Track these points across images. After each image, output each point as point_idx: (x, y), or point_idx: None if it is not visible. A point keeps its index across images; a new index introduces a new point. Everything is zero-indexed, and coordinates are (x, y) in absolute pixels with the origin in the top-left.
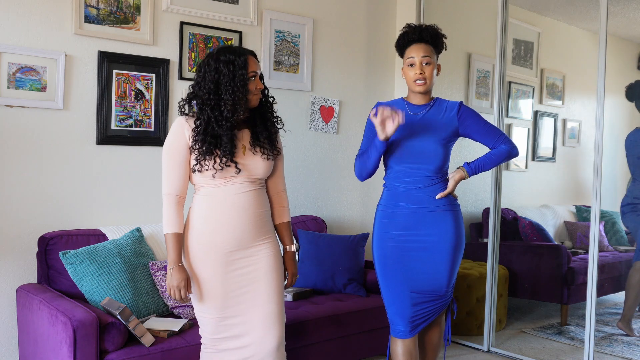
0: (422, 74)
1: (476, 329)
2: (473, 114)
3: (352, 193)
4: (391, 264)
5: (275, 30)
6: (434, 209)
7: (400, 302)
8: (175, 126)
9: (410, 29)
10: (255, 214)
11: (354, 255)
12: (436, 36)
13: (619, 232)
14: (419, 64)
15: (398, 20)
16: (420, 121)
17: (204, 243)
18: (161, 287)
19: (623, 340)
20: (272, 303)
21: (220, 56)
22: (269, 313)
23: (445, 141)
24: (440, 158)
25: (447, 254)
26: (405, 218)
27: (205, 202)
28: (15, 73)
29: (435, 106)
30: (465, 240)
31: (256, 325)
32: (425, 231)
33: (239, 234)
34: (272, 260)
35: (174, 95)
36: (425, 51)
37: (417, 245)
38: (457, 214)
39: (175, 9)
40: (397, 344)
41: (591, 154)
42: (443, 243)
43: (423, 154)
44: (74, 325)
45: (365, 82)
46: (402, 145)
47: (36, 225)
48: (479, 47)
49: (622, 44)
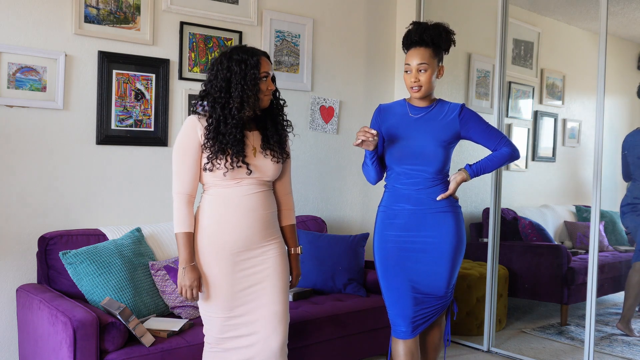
0: (417, 82)
1: (476, 329)
2: (475, 116)
3: (352, 193)
4: (392, 265)
5: (275, 30)
6: (434, 210)
7: (401, 303)
8: (187, 125)
9: (413, 28)
10: (263, 215)
11: (354, 255)
12: (439, 37)
13: (619, 232)
14: (415, 72)
15: (398, 20)
16: (421, 123)
17: (213, 243)
18: (161, 287)
19: (623, 341)
20: (277, 303)
21: (233, 55)
22: (274, 313)
23: (446, 143)
24: (441, 160)
25: (447, 256)
26: (405, 219)
27: (214, 202)
28: (15, 73)
29: (437, 108)
30: (466, 242)
31: (261, 325)
32: (426, 232)
33: (246, 235)
34: (279, 261)
35: (174, 95)
36: (422, 57)
37: (418, 246)
38: (458, 215)
39: (175, 9)
40: (398, 344)
41: (591, 154)
42: (444, 244)
43: (423, 155)
44: (74, 325)
45: (365, 82)
46: (402, 146)
47: (36, 225)
48: (479, 47)
49: (622, 44)
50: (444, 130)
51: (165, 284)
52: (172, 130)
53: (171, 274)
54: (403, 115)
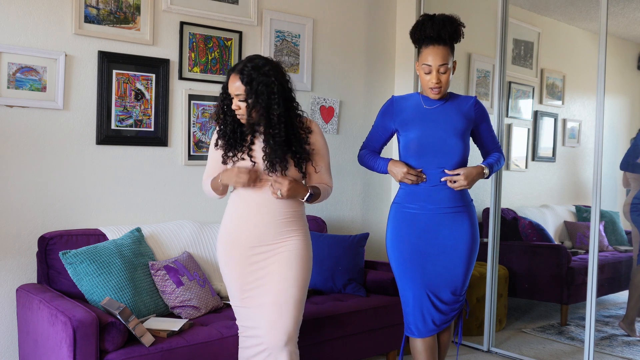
0: (438, 83)
1: (476, 329)
2: (486, 112)
3: (352, 193)
4: (410, 269)
5: (275, 30)
6: (451, 210)
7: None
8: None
9: (427, 22)
10: (280, 213)
11: (354, 255)
12: (456, 33)
13: (619, 232)
14: (435, 72)
15: (398, 20)
16: (438, 114)
17: (230, 237)
18: (161, 287)
19: (623, 341)
20: (282, 299)
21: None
22: (277, 308)
23: (463, 132)
24: (460, 152)
25: (464, 257)
26: (424, 221)
27: (235, 200)
28: (15, 73)
29: (451, 99)
30: (479, 240)
31: (265, 320)
32: (444, 233)
33: (261, 231)
34: (292, 256)
35: (174, 95)
36: (443, 58)
37: (436, 249)
38: (472, 214)
39: (175, 9)
40: (416, 342)
41: (591, 154)
42: (460, 245)
43: (443, 149)
44: (74, 325)
45: (365, 82)
46: (420, 140)
47: (36, 225)
48: (479, 47)
49: (622, 44)
50: (460, 119)
51: (165, 284)
52: (172, 130)
53: (171, 274)
54: (418, 108)
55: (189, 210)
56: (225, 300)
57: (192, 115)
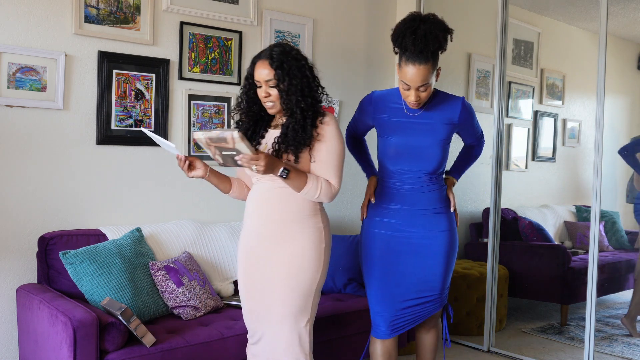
0: (417, 100)
1: (476, 329)
2: (471, 116)
3: (352, 193)
4: (379, 265)
5: (275, 30)
6: (428, 211)
7: (384, 304)
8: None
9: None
10: (280, 211)
11: (354, 255)
12: (440, 47)
13: (619, 232)
14: (415, 91)
15: (398, 20)
16: (419, 121)
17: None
18: (161, 287)
19: (623, 340)
20: (281, 305)
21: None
22: (276, 314)
23: (445, 142)
24: (438, 160)
25: (441, 256)
26: (398, 219)
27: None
28: (15, 73)
29: (435, 103)
30: (458, 243)
31: (266, 326)
32: (418, 233)
33: (260, 231)
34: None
35: (174, 95)
36: (424, 78)
37: (410, 248)
38: (451, 216)
39: (175, 9)
40: (376, 344)
41: (591, 154)
42: (437, 245)
43: (421, 156)
44: (74, 325)
45: (365, 81)
46: (398, 146)
47: (36, 225)
48: (479, 47)
49: (622, 44)
50: (443, 128)
51: (166, 284)
52: (172, 130)
53: (171, 274)
54: (399, 112)
55: (189, 210)
56: (225, 300)
57: (192, 115)
